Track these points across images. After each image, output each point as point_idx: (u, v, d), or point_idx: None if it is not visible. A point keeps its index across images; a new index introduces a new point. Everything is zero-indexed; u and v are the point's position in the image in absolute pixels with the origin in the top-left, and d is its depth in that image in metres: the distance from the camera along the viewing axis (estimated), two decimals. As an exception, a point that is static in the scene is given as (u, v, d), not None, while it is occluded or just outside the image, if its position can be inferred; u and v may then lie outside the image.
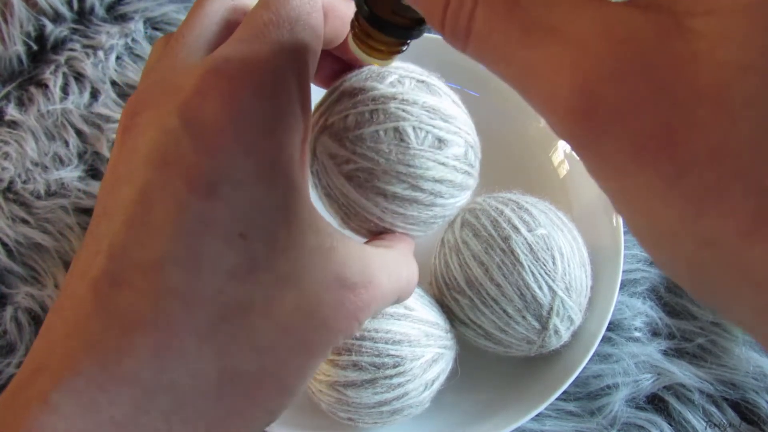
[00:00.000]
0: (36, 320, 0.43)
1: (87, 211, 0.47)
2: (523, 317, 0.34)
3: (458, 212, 0.38)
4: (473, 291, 0.35)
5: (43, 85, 0.52)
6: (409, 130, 0.26)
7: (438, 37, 0.18)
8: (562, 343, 0.36)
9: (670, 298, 0.43)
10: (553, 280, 0.34)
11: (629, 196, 0.15)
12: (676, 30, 0.14)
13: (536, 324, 0.35)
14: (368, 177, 0.26)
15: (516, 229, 0.35)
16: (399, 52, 0.24)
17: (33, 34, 0.53)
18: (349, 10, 0.24)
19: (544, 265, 0.34)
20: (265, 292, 0.19)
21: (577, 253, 0.36)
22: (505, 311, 0.34)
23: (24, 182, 0.48)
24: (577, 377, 0.37)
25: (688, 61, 0.14)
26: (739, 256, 0.14)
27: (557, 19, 0.15)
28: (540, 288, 0.34)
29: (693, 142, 0.13)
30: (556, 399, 0.37)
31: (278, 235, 0.19)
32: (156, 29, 0.55)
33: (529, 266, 0.34)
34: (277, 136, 0.19)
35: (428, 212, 0.27)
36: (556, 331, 0.35)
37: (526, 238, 0.35)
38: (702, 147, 0.13)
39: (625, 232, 0.41)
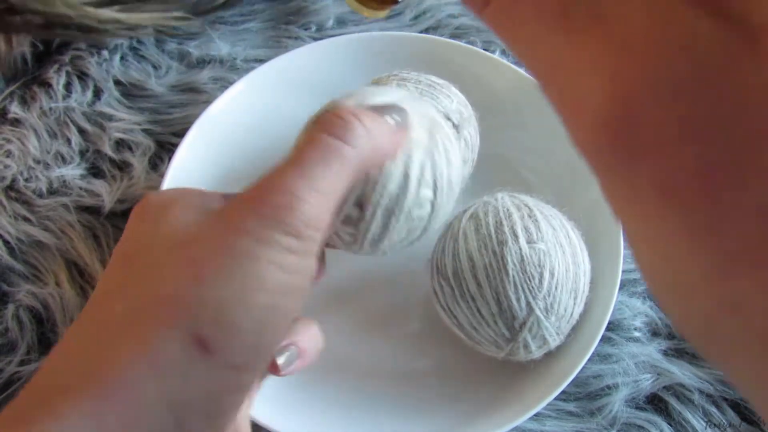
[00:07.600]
0: (37, 318, 0.43)
1: (88, 210, 0.47)
2: (495, 322, 0.34)
3: (476, 202, 0.38)
4: (456, 282, 0.35)
5: (46, 83, 0.52)
6: None
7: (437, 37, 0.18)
8: (531, 357, 0.36)
9: (670, 299, 0.43)
10: (534, 297, 0.34)
11: (646, 234, 0.13)
12: (748, 48, 0.11)
13: (506, 332, 0.34)
14: None
15: (515, 236, 0.35)
16: (394, 3, 0.24)
17: (36, 33, 0.54)
18: None
19: (529, 280, 0.34)
20: None
21: (572, 278, 0.35)
22: (479, 310, 0.35)
23: (26, 180, 0.48)
24: (577, 377, 0.37)
25: (759, 90, 0.11)
26: None
27: (607, 4, 0.12)
28: (518, 300, 0.34)
29: (744, 192, 0.11)
30: (556, 399, 0.37)
31: None
32: (159, 30, 0.55)
33: (513, 276, 0.34)
34: None
35: None
36: (526, 346, 0.35)
37: (521, 249, 0.34)
38: (754, 200, 0.11)
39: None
